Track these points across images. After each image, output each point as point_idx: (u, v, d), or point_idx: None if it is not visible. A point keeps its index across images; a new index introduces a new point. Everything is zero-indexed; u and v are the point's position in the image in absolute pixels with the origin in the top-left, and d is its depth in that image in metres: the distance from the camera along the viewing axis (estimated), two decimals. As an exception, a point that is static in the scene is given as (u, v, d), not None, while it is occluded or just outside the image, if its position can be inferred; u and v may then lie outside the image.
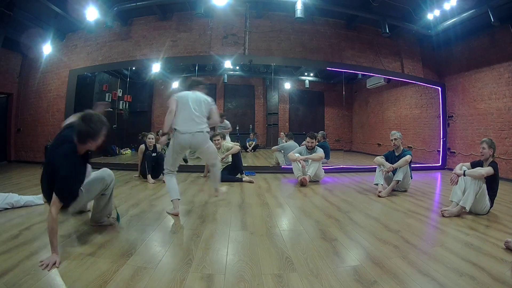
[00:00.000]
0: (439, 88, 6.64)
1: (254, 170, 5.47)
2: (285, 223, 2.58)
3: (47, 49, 6.49)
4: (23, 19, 5.56)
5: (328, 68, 6.47)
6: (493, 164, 2.83)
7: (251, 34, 6.31)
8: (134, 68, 6.85)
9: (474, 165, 2.97)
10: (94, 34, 6.47)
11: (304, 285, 1.48)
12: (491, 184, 2.83)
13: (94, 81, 6.90)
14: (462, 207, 2.74)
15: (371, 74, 6.85)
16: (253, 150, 8.00)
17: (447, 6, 5.14)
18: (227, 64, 6.31)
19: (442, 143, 6.54)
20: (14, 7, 5.14)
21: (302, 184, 4.23)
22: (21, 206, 2.77)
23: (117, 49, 6.49)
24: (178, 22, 6.42)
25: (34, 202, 2.88)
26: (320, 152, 4.52)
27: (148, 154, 4.37)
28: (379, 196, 3.57)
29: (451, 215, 2.74)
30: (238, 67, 7.70)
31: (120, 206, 2.95)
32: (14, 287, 1.38)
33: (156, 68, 6.48)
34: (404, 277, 1.56)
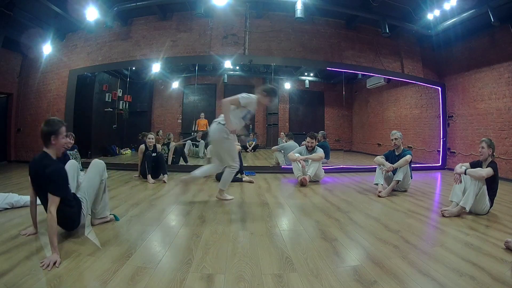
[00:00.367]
0: (439, 88, 6.64)
1: (254, 170, 5.47)
2: (285, 223, 2.58)
3: (47, 49, 6.49)
4: (23, 19, 5.56)
5: (328, 68, 6.47)
6: (492, 164, 2.83)
7: (251, 34, 6.31)
8: (134, 68, 6.84)
9: (473, 165, 2.96)
10: (94, 34, 6.47)
11: (304, 285, 1.48)
12: (491, 184, 2.82)
13: (94, 81, 6.89)
14: (462, 207, 2.74)
15: (371, 74, 6.84)
16: (253, 150, 8.00)
17: (447, 6, 5.14)
18: (227, 64, 6.31)
19: (442, 143, 6.54)
20: (14, 7, 5.15)
21: (302, 184, 4.23)
22: (21, 206, 2.76)
23: (117, 49, 6.49)
24: (178, 22, 6.41)
25: (34, 202, 2.89)
26: (320, 152, 4.53)
27: (148, 154, 4.37)
28: (379, 196, 3.57)
29: (451, 215, 2.74)
30: (238, 67, 7.68)
31: (120, 206, 2.95)
32: (14, 287, 1.38)
33: (156, 68, 6.48)
34: (404, 277, 1.56)
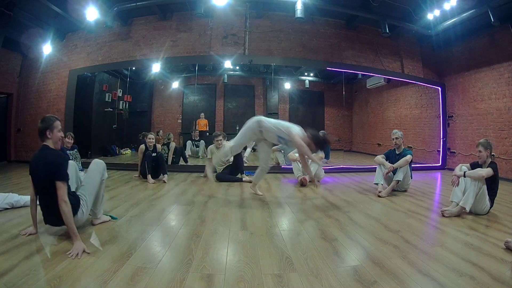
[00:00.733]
0: (439, 88, 6.64)
1: (254, 170, 5.43)
2: (285, 223, 2.58)
3: (47, 49, 6.48)
4: (23, 19, 5.55)
5: (328, 68, 6.47)
6: (492, 165, 2.82)
7: (251, 34, 6.30)
8: (134, 68, 6.85)
9: (473, 166, 2.96)
10: (94, 34, 6.46)
11: (304, 285, 1.48)
12: (491, 184, 2.82)
13: (94, 81, 6.89)
14: (462, 208, 2.74)
15: (371, 74, 6.84)
16: (253, 150, 7.99)
17: (447, 6, 5.14)
18: (227, 64, 6.31)
19: (442, 143, 6.54)
20: (14, 7, 5.14)
21: (302, 184, 4.23)
22: (21, 206, 2.76)
23: (117, 49, 6.48)
24: (178, 22, 6.41)
25: (34, 202, 2.89)
26: (320, 152, 4.52)
27: (148, 154, 4.37)
28: (379, 196, 3.57)
29: (451, 215, 2.74)
30: (238, 67, 7.69)
31: (120, 206, 2.95)
32: (14, 287, 1.38)
33: (156, 68, 6.48)
34: (404, 277, 1.56)
